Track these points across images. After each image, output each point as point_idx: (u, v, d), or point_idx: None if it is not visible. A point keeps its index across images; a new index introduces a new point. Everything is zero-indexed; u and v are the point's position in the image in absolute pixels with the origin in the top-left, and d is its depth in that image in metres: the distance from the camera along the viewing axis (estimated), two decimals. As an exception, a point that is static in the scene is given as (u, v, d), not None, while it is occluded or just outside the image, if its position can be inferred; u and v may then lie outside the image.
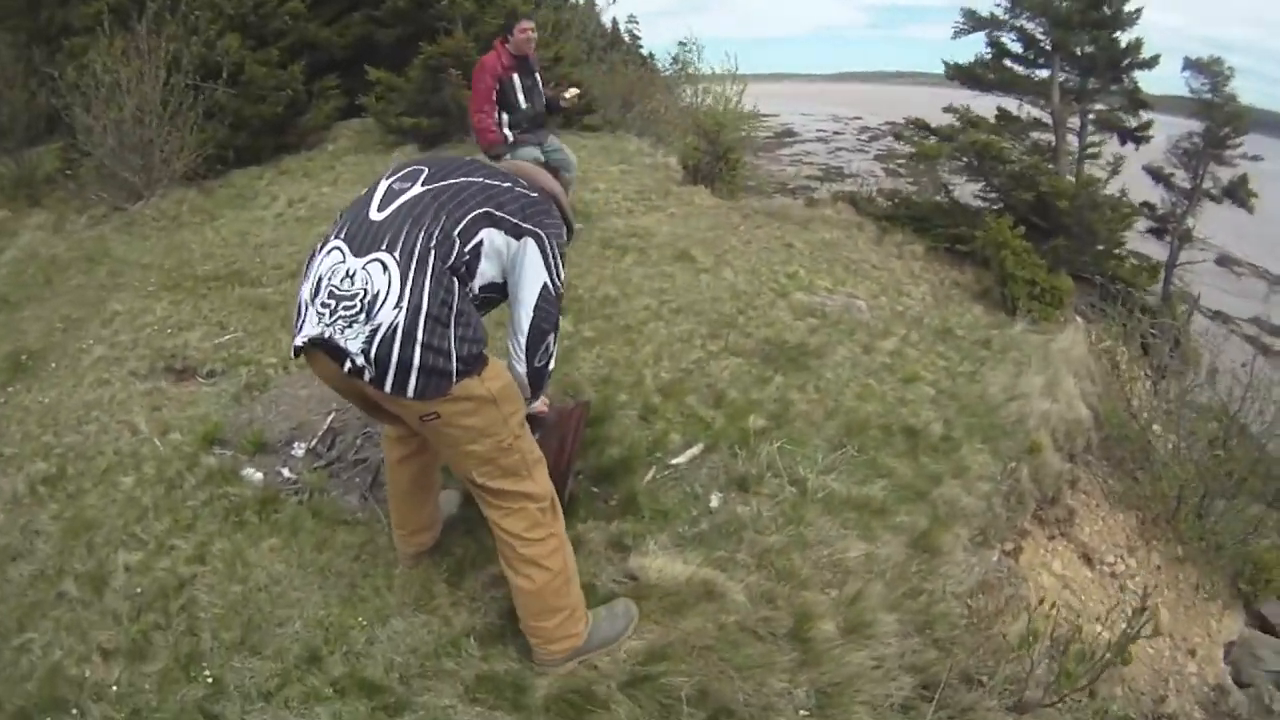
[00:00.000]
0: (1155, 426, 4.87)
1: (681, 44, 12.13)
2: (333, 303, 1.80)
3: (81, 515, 3.02)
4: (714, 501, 2.99)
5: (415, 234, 1.84)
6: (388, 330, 1.75)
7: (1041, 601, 2.50)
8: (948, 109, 11.11)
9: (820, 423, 3.58)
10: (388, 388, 1.78)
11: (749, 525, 2.81)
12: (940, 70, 12.07)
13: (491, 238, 1.94)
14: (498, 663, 2.20)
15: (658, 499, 2.97)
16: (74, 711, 2.21)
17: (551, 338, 2.08)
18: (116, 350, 4.35)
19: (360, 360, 1.77)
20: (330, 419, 3.43)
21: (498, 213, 1.95)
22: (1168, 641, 3.81)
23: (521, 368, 2.06)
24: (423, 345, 1.77)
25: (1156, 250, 12.86)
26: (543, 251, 2.00)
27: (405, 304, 1.77)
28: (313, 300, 1.85)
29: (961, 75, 11.59)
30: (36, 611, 2.61)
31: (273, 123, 8.93)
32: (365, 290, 1.78)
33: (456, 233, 1.88)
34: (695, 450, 3.30)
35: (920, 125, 10.90)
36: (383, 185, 1.98)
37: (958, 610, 2.63)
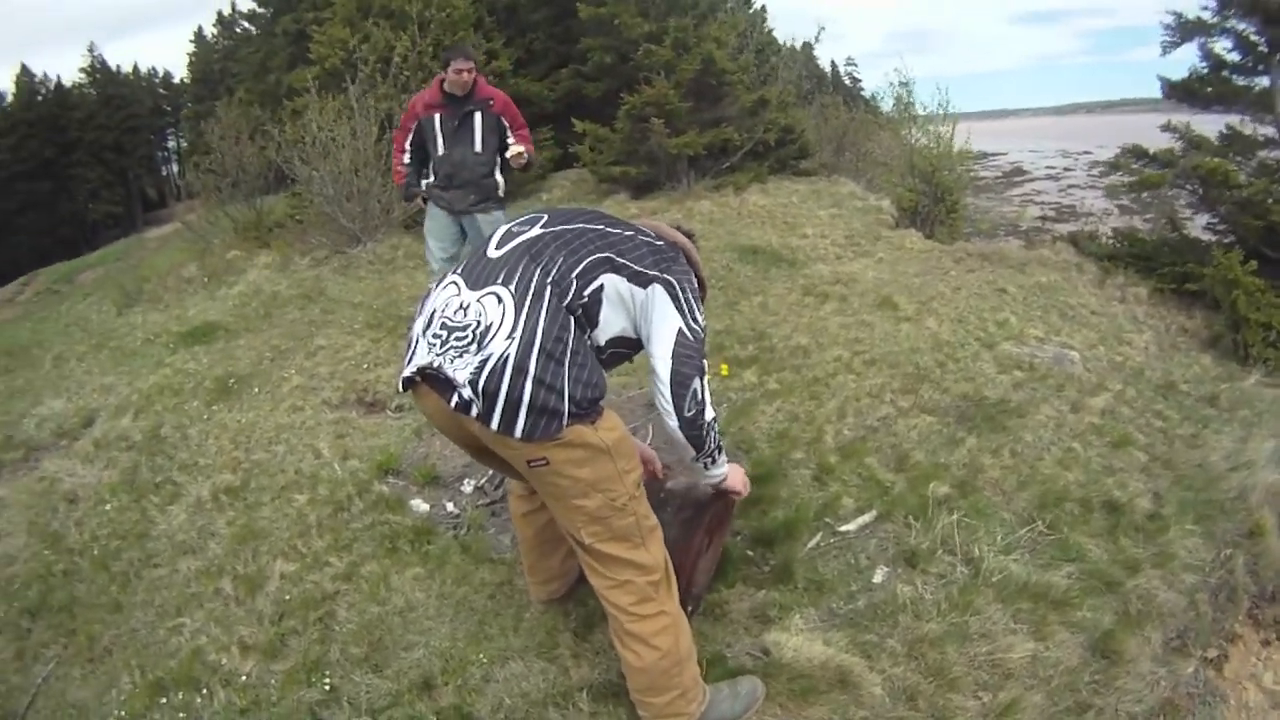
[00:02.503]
0: None
1: (902, 84, 11.97)
2: (444, 334, 1.85)
3: (253, 525, 3.45)
4: (878, 576, 2.83)
5: (532, 269, 1.88)
6: (498, 361, 1.76)
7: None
8: (1165, 128, 9.97)
9: (1011, 492, 3.32)
10: (494, 424, 1.78)
11: (908, 607, 2.62)
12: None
13: (613, 284, 1.95)
14: (605, 721, 2.20)
15: (816, 568, 2.86)
16: (204, 692, 2.58)
17: (698, 383, 1.98)
18: (314, 380, 4.93)
19: (467, 392, 1.77)
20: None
21: (619, 259, 1.96)
22: None
23: (673, 421, 1.99)
24: (534, 380, 1.76)
25: None
26: (673, 296, 1.98)
27: (518, 335, 1.78)
28: (424, 333, 1.90)
29: (1178, 92, 10.23)
30: (194, 602, 3.05)
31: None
32: (479, 321, 1.82)
33: (575, 274, 1.90)
34: (867, 518, 3.15)
35: (1137, 152, 9.83)
36: (502, 229, 2.06)
37: (1129, 735, 2.35)
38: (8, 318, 12.17)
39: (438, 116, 4.62)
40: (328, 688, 2.48)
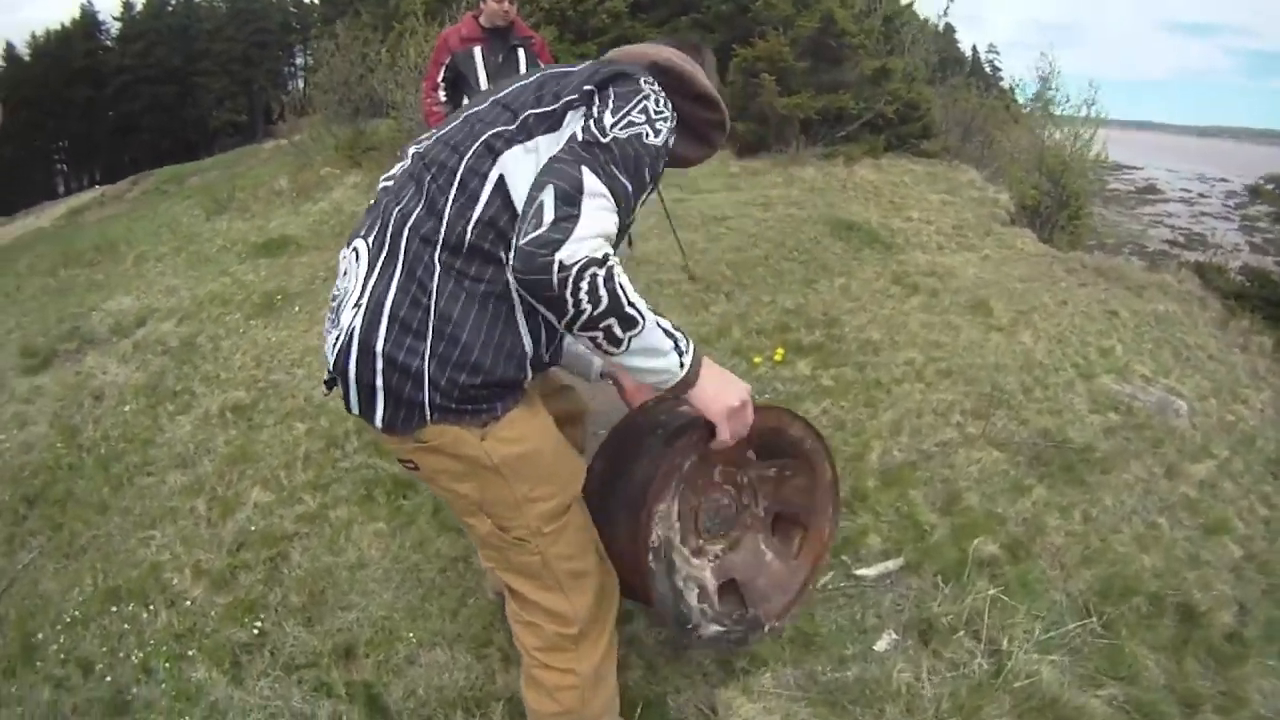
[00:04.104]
0: None
1: (1043, 79, 11.11)
2: (333, 300, 1.49)
3: (248, 447, 3.41)
4: (881, 644, 2.35)
5: (392, 207, 1.40)
6: (345, 338, 1.35)
7: None
8: None
9: (1071, 568, 2.76)
10: (355, 409, 1.39)
11: (902, 695, 2.14)
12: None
13: (511, 164, 1.33)
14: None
15: (813, 617, 2.42)
16: (150, 608, 2.59)
17: (599, 272, 1.20)
18: None
19: (328, 378, 1.44)
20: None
21: (512, 124, 1.35)
22: None
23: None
24: (384, 359, 1.32)
25: None
26: (587, 113, 1.34)
27: (365, 302, 1.34)
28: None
29: None
30: (170, 517, 3.06)
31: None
32: (339, 285, 1.44)
33: (452, 189, 1.34)
34: (891, 565, 2.68)
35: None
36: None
37: None
38: (111, 213, 12.83)
39: (478, 50, 4.27)
40: (256, 631, 2.41)
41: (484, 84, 4.26)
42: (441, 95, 4.42)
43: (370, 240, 1.39)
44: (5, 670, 2.47)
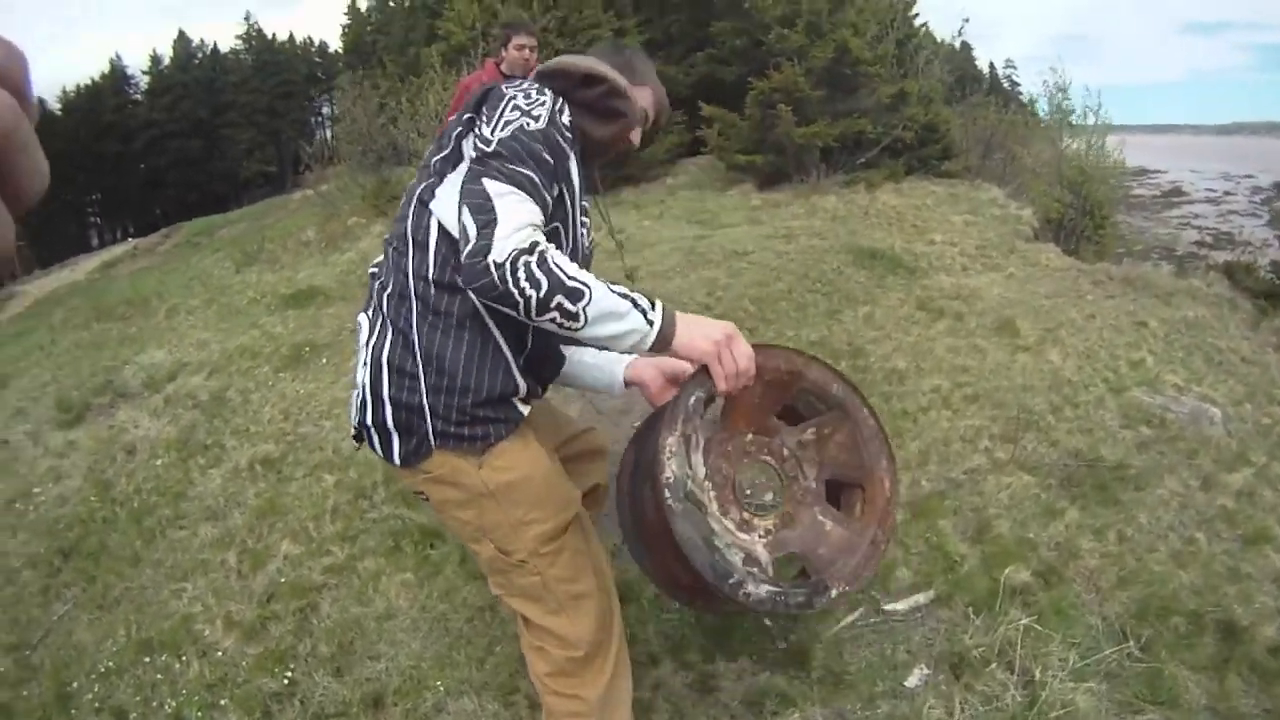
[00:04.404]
0: None
1: (1059, 90, 11.13)
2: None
3: (278, 499, 3.46)
4: (912, 679, 2.35)
5: (374, 283, 1.61)
6: (361, 395, 1.55)
7: None
8: None
9: (1107, 590, 2.70)
10: (378, 451, 1.57)
11: None
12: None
13: (439, 207, 1.49)
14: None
15: (842, 655, 2.42)
16: (182, 658, 2.66)
17: (530, 259, 1.30)
18: None
19: (354, 433, 1.61)
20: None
21: (431, 176, 1.52)
22: None
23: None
24: (391, 403, 1.51)
25: None
26: (485, 117, 1.46)
27: (369, 361, 1.54)
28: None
29: None
30: (201, 569, 3.12)
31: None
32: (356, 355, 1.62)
33: (409, 247, 1.52)
34: (922, 598, 2.66)
35: None
36: None
37: None
38: (143, 266, 13.16)
39: None
40: (286, 681, 2.45)
41: None
42: None
43: (368, 312, 1.61)
44: (40, 719, 2.54)
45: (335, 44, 49.80)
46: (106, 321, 7.31)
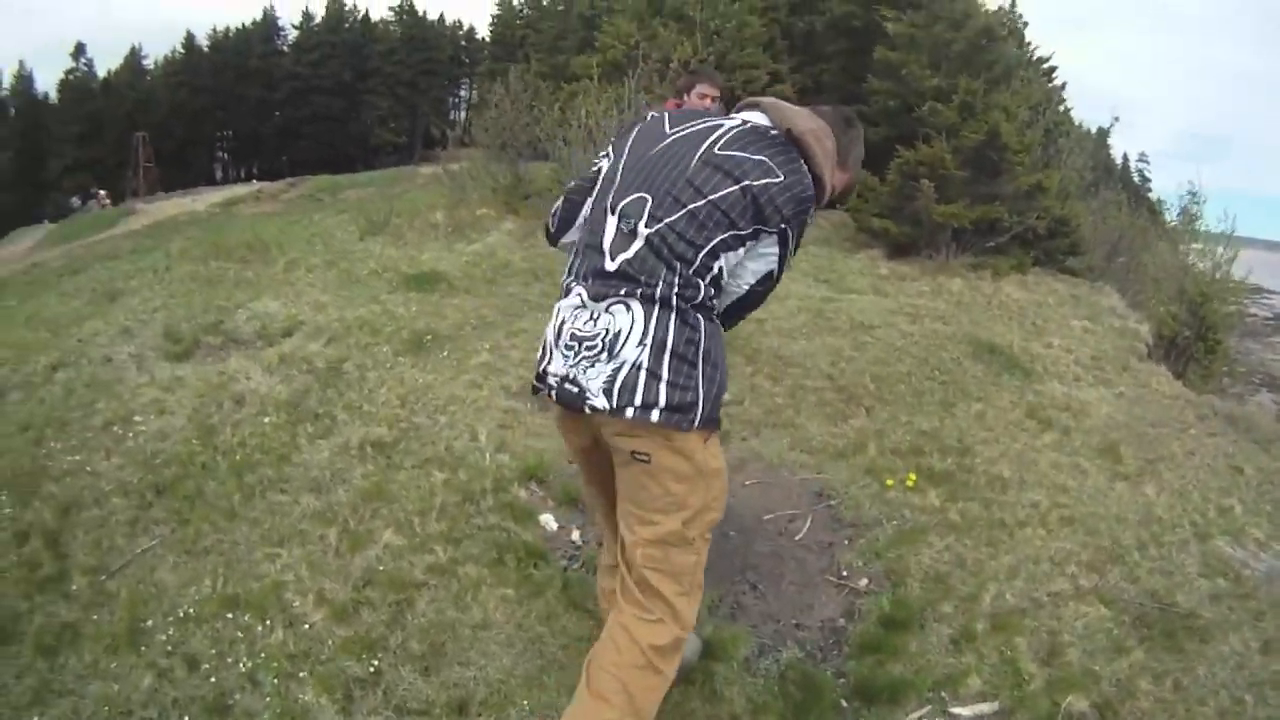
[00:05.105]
0: None
1: (1191, 193, 10.74)
2: (576, 344, 1.94)
3: (384, 486, 3.54)
4: None
5: (655, 280, 1.90)
6: (632, 366, 1.86)
7: None
8: None
9: None
10: (629, 414, 1.86)
11: None
12: None
13: (729, 256, 1.95)
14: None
15: None
16: (266, 623, 2.71)
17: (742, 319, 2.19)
18: (503, 361, 5.04)
19: (600, 401, 1.87)
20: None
21: (740, 231, 1.92)
22: None
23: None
24: (668, 384, 1.86)
25: None
26: (783, 243, 1.99)
27: (649, 341, 1.87)
28: (557, 342, 2.00)
29: None
30: (299, 539, 3.18)
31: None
32: (608, 330, 1.90)
33: (693, 272, 1.91)
34: (987, 708, 2.73)
35: None
36: (610, 227, 1.98)
37: None
38: (265, 210, 13.66)
39: None
40: (372, 669, 2.51)
41: None
42: None
43: (639, 296, 1.95)
44: (109, 647, 2.61)
45: (483, 31, 51.57)
46: (224, 260, 7.49)
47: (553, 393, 1.99)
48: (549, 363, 2.02)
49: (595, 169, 2.17)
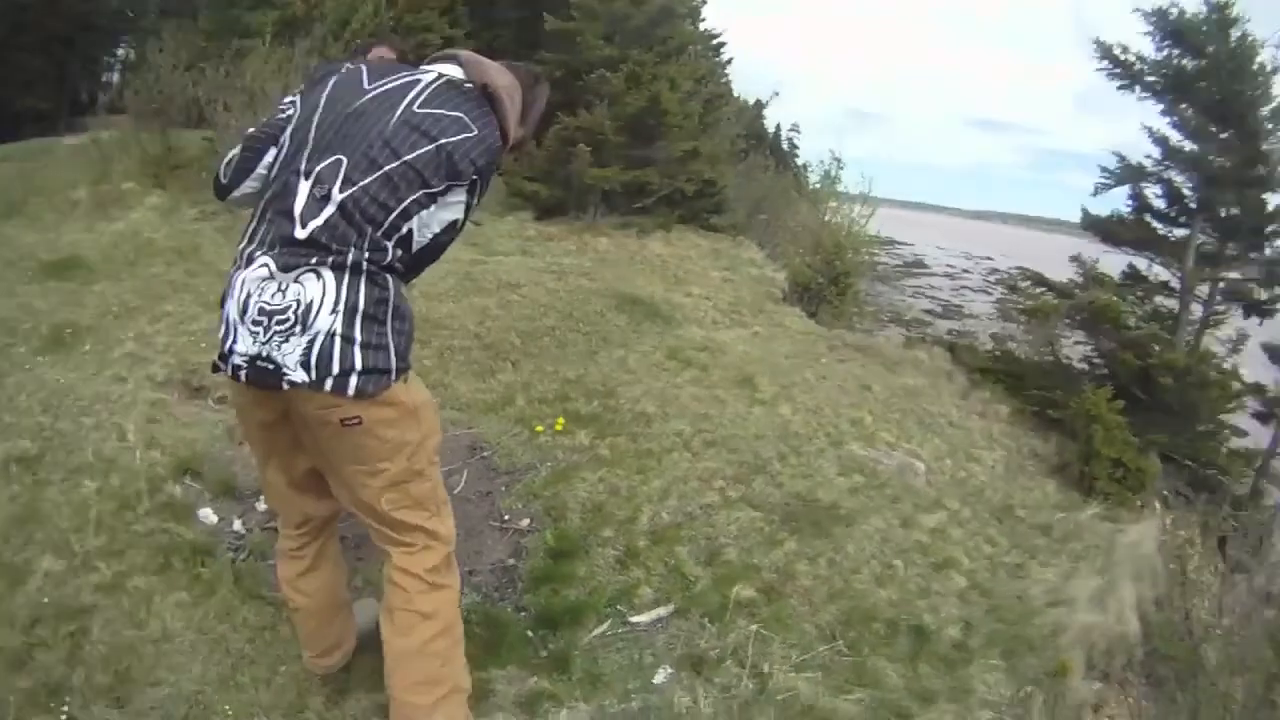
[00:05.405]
0: (1213, 636, 4.27)
1: (835, 159, 12.44)
2: (265, 319, 1.83)
3: (36, 506, 3.20)
4: (659, 677, 2.81)
5: (346, 246, 1.84)
6: (326, 336, 1.81)
7: None
8: (1074, 258, 10.43)
9: (819, 605, 3.34)
10: (327, 387, 1.82)
11: (683, 717, 2.61)
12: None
13: (421, 216, 1.94)
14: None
15: (597, 660, 2.83)
16: None
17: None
18: (148, 350, 4.64)
19: (299, 375, 1.81)
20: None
21: (432, 189, 1.91)
22: None
23: None
24: (362, 345, 1.84)
25: (1260, 436, 11.67)
26: (471, 193, 2.01)
27: (341, 308, 1.82)
28: (243, 319, 1.86)
29: (1097, 228, 10.82)
30: None
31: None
32: (298, 301, 1.81)
33: (382, 234, 1.88)
34: (662, 611, 3.14)
35: (1037, 280, 10.27)
36: (302, 192, 1.87)
37: None
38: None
39: None
40: (64, 718, 2.29)
41: None
42: None
43: (330, 263, 1.87)
44: None
45: (155, -23, 43.34)
46: None
47: (241, 372, 1.88)
48: (234, 341, 1.88)
49: (282, 115, 2.04)
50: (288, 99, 2.08)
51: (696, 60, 11.10)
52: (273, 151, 1.98)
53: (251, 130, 2.09)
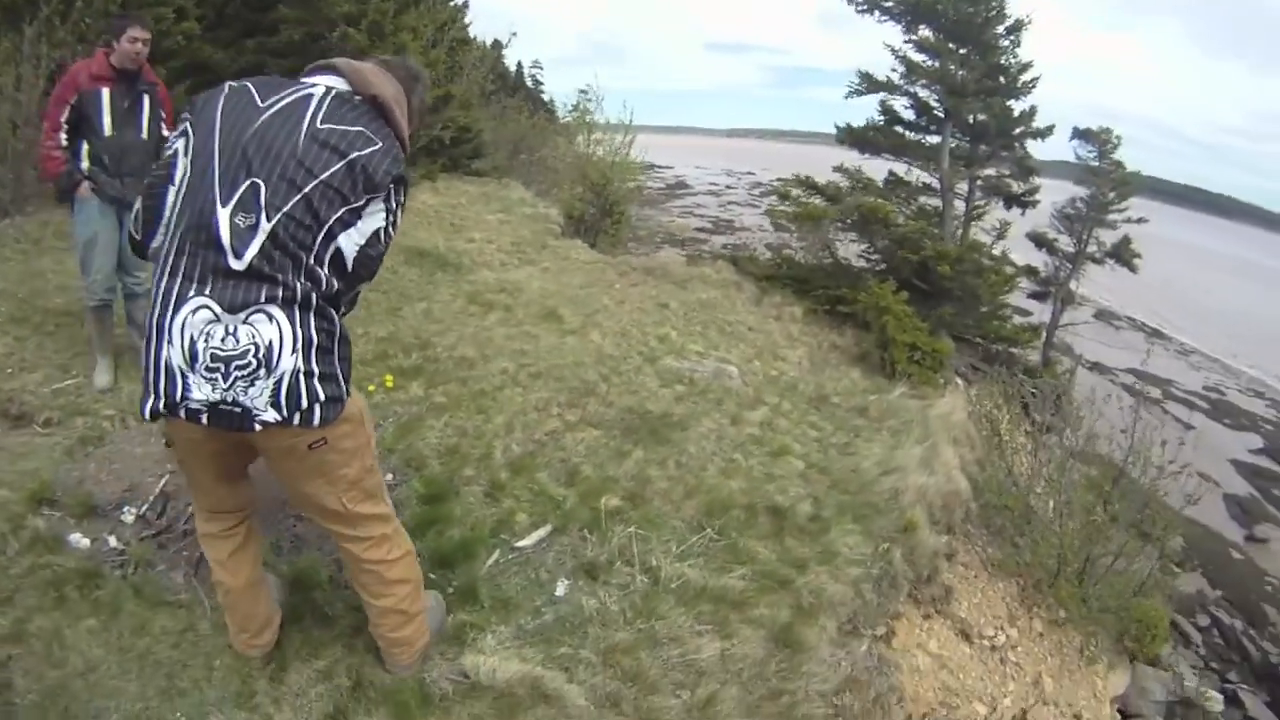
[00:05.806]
0: (1037, 489, 5.07)
1: (582, 91, 12.64)
2: (221, 365, 1.83)
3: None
4: (560, 590, 3.04)
5: (291, 280, 1.87)
6: (292, 375, 1.89)
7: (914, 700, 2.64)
8: (838, 169, 11.59)
9: (679, 502, 3.64)
10: (296, 423, 1.92)
11: (595, 618, 2.85)
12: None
13: (348, 235, 1.97)
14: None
15: (499, 586, 3.01)
16: None
17: (363, 290, 2.24)
18: None
19: (270, 415, 1.88)
20: (164, 482, 3.41)
21: (353, 204, 1.93)
22: (1053, 710, 3.94)
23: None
24: (320, 378, 1.94)
25: (1041, 312, 13.63)
26: (388, 200, 2.03)
27: (299, 346, 1.89)
28: (193, 367, 1.83)
29: (852, 138, 11.99)
30: None
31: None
32: (256, 345, 1.84)
33: (314, 259, 1.91)
34: (543, 533, 3.34)
35: (807, 184, 11.21)
36: (223, 221, 1.82)
37: (822, 712, 2.71)
38: None
39: (106, 92, 4.02)
40: None
41: (108, 129, 4.05)
42: (63, 138, 4.03)
43: (279, 300, 1.92)
44: None
45: None
46: None
47: (202, 417, 1.88)
48: (184, 390, 1.85)
49: (170, 150, 1.95)
50: (173, 134, 1.99)
51: (436, 6, 10.87)
52: (172, 190, 1.92)
53: (147, 179, 2.01)
